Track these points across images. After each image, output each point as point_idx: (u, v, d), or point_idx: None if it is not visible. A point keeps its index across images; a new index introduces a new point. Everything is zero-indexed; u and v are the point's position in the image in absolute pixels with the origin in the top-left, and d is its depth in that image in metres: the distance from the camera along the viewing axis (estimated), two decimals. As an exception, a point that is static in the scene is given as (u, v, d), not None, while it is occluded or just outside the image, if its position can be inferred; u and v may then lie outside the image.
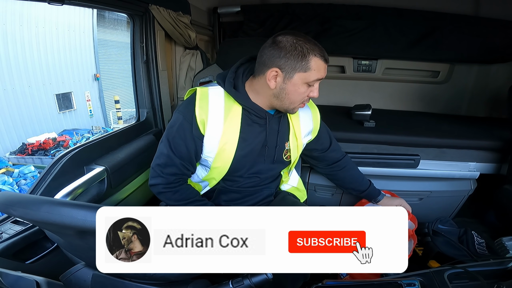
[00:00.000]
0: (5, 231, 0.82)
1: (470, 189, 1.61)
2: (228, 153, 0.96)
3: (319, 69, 0.87)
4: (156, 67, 1.46)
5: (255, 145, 0.99)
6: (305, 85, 0.89)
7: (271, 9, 1.97)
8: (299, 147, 1.07)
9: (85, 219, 0.39)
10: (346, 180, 1.23)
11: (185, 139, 0.94)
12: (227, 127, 0.94)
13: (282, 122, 1.01)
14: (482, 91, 2.06)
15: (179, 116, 0.95)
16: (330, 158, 1.20)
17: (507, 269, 0.66)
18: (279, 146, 1.02)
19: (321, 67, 0.88)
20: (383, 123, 1.70)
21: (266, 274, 0.54)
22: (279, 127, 1.01)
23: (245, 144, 0.97)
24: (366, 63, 2.12)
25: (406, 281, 0.60)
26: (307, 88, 0.90)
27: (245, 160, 0.99)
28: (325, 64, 0.88)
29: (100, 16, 9.57)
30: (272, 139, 1.01)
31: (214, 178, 1.02)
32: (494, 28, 1.78)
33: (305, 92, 0.91)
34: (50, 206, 0.40)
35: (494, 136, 1.59)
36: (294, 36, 0.86)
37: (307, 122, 1.07)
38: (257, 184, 1.07)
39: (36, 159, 6.65)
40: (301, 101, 0.93)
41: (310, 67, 0.86)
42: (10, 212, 0.42)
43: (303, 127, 1.06)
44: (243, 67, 0.98)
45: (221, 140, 0.94)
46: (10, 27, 7.22)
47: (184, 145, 0.94)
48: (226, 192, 1.06)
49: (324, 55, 0.87)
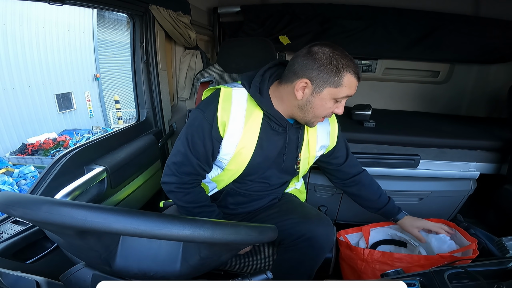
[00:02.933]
0: (5, 231, 0.82)
1: (470, 189, 1.61)
2: (244, 158, 0.93)
3: (350, 86, 0.84)
4: (156, 67, 1.46)
5: (271, 152, 0.97)
6: (333, 100, 0.86)
7: (271, 9, 1.97)
8: (311, 160, 1.05)
9: (85, 219, 0.39)
10: (361, 197, 1.18)
11: (204, 139, 0.91)
12: (246, 131, 0.91)
13: (300, 133, 1.00)
14: (482, 91, 2.06)
15: (199, 115, 0.91)
16: (345, 173, 1.16)
17: (507, 269, 0.65)
18: (293, 156, 1.01)
19: (353, 85, 0.84)
20: (383, 123, 1.70)
21: (266, 274, 0.54)
22: (297, 138, 0.99)
23: (262, 151, 0.95)
24: (366, 63, 2.12)
25: (406, 281, 0.59)
26: (333, 104, 0.87)
27: (259, 166, 0.98)
28: (357, 82, 0.85)
29: (100, 16, 9.57)
30: (289, 148, 0.99)
31: (224, 180, 1.01)
32: (494, 28, 1.78)
33: (331, 107, 0.88)
34: (50, 206, 0.40)
35: (494, 136, 1.59)
36: (331, 49, 0.82)
37: (323, 137, 1.04)
38: (265, 189, 1.06)
39: (36, 159, 6.64)
40: (324, 116, 0.90)
41: (342, 83, 0.82)
42: (10, 212, 0.41)
43: (319, 141, 1.03)
44: (270, 71, 0.95)
45: (239, 144, 0.91)
46: (10, 27, 7.21)
47: (202, 145, 0.91)
48: (233, 195, 1.05)
49: (358, 73, 0.83)
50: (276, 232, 0.51)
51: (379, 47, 1.96)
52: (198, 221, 0.42)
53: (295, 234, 0.94)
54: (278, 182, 1.07)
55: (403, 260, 1.10)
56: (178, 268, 0.53)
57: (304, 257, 0.95)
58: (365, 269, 1.17)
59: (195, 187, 0.96)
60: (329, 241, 0.95)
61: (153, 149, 1.44)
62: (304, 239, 0.92)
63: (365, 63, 2.12)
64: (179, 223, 0.41)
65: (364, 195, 1.17)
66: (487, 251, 1.26)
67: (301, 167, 1.04)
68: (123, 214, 0.40)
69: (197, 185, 0.98)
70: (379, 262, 1.14)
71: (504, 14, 1.75)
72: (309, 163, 1.06)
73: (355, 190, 1.17)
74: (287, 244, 0.96)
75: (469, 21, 1.80)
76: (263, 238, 0.47)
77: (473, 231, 1.30)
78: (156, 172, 1.46)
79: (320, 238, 0.93)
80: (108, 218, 0.39)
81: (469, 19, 1.80)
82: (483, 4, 1.79)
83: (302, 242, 0.93)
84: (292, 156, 1.01)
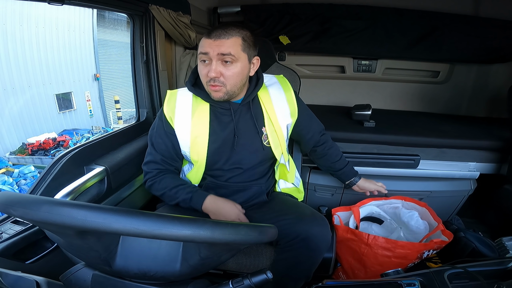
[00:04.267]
0: (5, 231, 0.82)
1: (470, 189, 1.61)
2: (201, 146, 1.02)
3: (202, 45, 0.93)
4: (156, 67, 1.46)
5: (226, 136, 1.03)
6: (200, 62, 0.95)
7: (271, 9, 1.97)
8: (278, 132, 1.06)
9: (85, 219, 0.39)
10: (326, 156, 1.26)
11: (162, 136, 1.05)
12: (196, 121, 1.02)
13: (255, 108, 1.05)
14: (482, 91, 2.06)
15: (156, 119, 1.08)
16: (316, 141, 1.23)
17: (507, 269, 0.65)
18: (254, 132, 1.05)
19: (204, 43, 0.93)
20: (383, 123, 1.70)
21: (266, 274, 0.54)
22: (252, 114, 1.04)
23: (216, 136, 1.03)
24: (366, 63, 2.12)
25: (406, 281, 0.59)
26: (202, 65, 0.95)
27: (219, 151, 1.04)
28: (208, 40, 0.92)
29: (100, 16, 9.57)
30: (245, 127, 1.04)
31: (197, 173, 1.07)
32: (494, 28, 1.77)
33: (202, 69, 0.95)
34: (50, 206, 0.40)
35: (494, 136, 1.59)
36: None
37: (282, 105, 1.08)
38: (244, 179, 1.08)
39: (36, 159, 6.65)
40: (204, 80, 0.96)
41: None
42: (10, 212, 0.41)
43: (278, 110, 1.06)
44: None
45: (191, 133, 1.01)
46: (10, 27, 7.21)
47: (162, 143, 1.05)
48: (214, 188, 1.08)
49: (210, 32, 0.92)
50: (277, 232, 0.52)
51: (379, 47, 1.96)
52: (198, 221, 0.42)
53: (291, 234, 0.93)
54: (251, 165, 1.07)
55: (405, 247, 1.19)
56: (178, 268, 0.53)
57: (300, 258, 0.94)
58: (368, 253, 1.24)
59: (165, 174, 1.06)
60: (325, 241, 0.94)
61: (153, 149, 1.44)
62: (299, 239, 0.92)
63: (365, 63, 2.12)
64: (179, 223, 0.41)
65: (330, 154, 1.26)
66: (478, 252, 1.28)
67: (271, 142, 1.06)
68: (123, 214, 0.40)
69: (168, 172, 1.07)
70: (382, 248, 1.21)
71: (504, 14, 1.75)
72: (279, 136, 1.07)
73: (321, 149, 1.25)
74: (283, 244, 0.95)
75: (469, 21, 1.80)
76: (263, 238, 0.47)
77: (462, 234, 1.34)
78: (156, 172, 1.46)
79: (315, 238, 0.92)
80: (108, 218, 0.39)
81: (469, 19, 1.80)
82: (483, 4, 1.79)
83: (297, 243, 0.92)
84: (253, 133, 1.05)
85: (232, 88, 0.96)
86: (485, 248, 1.30)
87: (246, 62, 0.97)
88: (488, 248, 1.30)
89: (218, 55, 0.90)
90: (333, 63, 2.17)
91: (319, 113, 1.25)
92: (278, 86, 1.10)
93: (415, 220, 1.37)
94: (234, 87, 0.96)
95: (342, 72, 2.19)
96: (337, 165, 1.27)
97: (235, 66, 0.93)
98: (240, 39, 0.93)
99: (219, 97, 0.96)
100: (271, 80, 1.13)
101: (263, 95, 1.07)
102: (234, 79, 0.95)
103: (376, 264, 1.23)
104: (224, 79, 0.93)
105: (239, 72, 0.95)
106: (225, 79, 0.93)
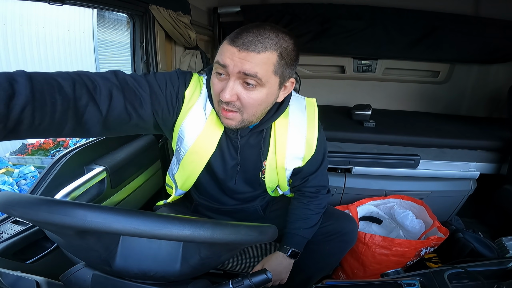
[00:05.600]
0: (5, 231, 0.82)
1: (470, 189, 1.61)
2: (202, 157, 0.83)
3: (221, 51, 0.67)
4: (156, 67, 1.46)
5: (230, 159, 0.87)
6: (215, 74, 0.70)
7: (271, 9, 1.97)
8: (279, 172, 0.89)
9: (85, 219, 0.39)
10: (292, 209, 1.00)
11: (159, 78, 0.72)
12: (204, 137, 0.80)
13: (265, 138, 0.85)
14: (482, 91, 2.06)
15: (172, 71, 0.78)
16: (302, 185, 0.96)
17: (507, 269, 0.66)
18: (255, 164, 0.88)
19: (223, 49, 0.67)
20: (383, 123, 1.70)
21: (266, 274, 0.54)
22: (259, 143, 0.85)
23: (222, 156, 0.85)
24: (366, 63, 2.12)
25: (406, 281, 0.59)
26: (216, 79, 0.70)
27: (215, 177, 0.90)
28: (229, 46, 0.65)
29: (100, 16, 9.57)
30: (248, 155, 0.86)
31: (182, 179, 0.91)
32: (494, 28, 1.78)
33: (215, 84, 0.70)
34: (50, 206, 0.40)
35: (494, 136, 1.59)
36: None
37: (297, 144, 0.86)
38: (236, 203, 1.00)
39: (36, 159, 6.64)
40: (216, 99, 0.72)
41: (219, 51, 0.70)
42: (10, 212, 0.41)
43: (290, 149, 0.85)
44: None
45: (199, 136, 0.80)
46: (10, 27, 7.21)
47: (164, 81, 0.72)
48: (204, 206, 1.03)
49: (233, 37, 0.65)
50: (276, 232, 0.51)
51: (379, 47, 1.96)
52: (198, 221, 0.42)
53: (325, 229, 0.99)
54: (245, 192, 0.97)
55: (402, 245, 1.21)
56: (178, 268, 0.53)
57: (334, 251, 1.01)
58: (365, 252, 1.25)
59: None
60: (355, 235, 1.03)
61: (153, 149, 1.44)
62: (336, 234, 0.98)
63: (365, 63, 2.12)
64: (179, 223, 0.41)
65: (299, 207, 0.97)
66: (476, 253, 1.29)
67: (267, 178, 0.90)
68: (123, 214, 0.40)
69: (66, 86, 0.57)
70: (379, 246, 1.23)
71: (504, 14, 1.75)
72: (279, 176, 0.89)
73: (298, 195, 1.00)
74: (319, 238, 1.00)
75: (469, 21, 1.80)
76: (263, 238, 0.47)
77: (461, 235, 1.35)
78: (156, 172, 1.46)
79: (351, 232, 1.01)
80: (108, 218, 0.39)
81: (469, 19, 1.80)
82: (483, 4, 1.80)
83: (337, 237, 0.99)
84: (254, 164, 0.87)
85: (250, 118, 0.72)
86: (484, 249, 1.30)
87: (276, 88, 0.71)
88: (487, 249, 1.30)
89: (239, 73, 0.65)
90: (333, 63, 2.17)
91: (319, 113, 1.25)
92: (303, 117, 0.86)
93: (409, 220, 1.39)
94: (252, 116, 0.72)
95: (342, 72, 2.19)
96: (292, 223, 0.97)
97: (259, 91, 0.68)
98: (276, 56, 0.65)
99: (232, 126, 0.74)
100: (297, 103, 0.87)
101: (280, 123, 0.84)
102: (254, 108, 0.71)
103: (374, 263, 1.24)
104: (241, 105, 0.69)
105: (263, 100, 0.70)
106: (242, 105, 0.69)
